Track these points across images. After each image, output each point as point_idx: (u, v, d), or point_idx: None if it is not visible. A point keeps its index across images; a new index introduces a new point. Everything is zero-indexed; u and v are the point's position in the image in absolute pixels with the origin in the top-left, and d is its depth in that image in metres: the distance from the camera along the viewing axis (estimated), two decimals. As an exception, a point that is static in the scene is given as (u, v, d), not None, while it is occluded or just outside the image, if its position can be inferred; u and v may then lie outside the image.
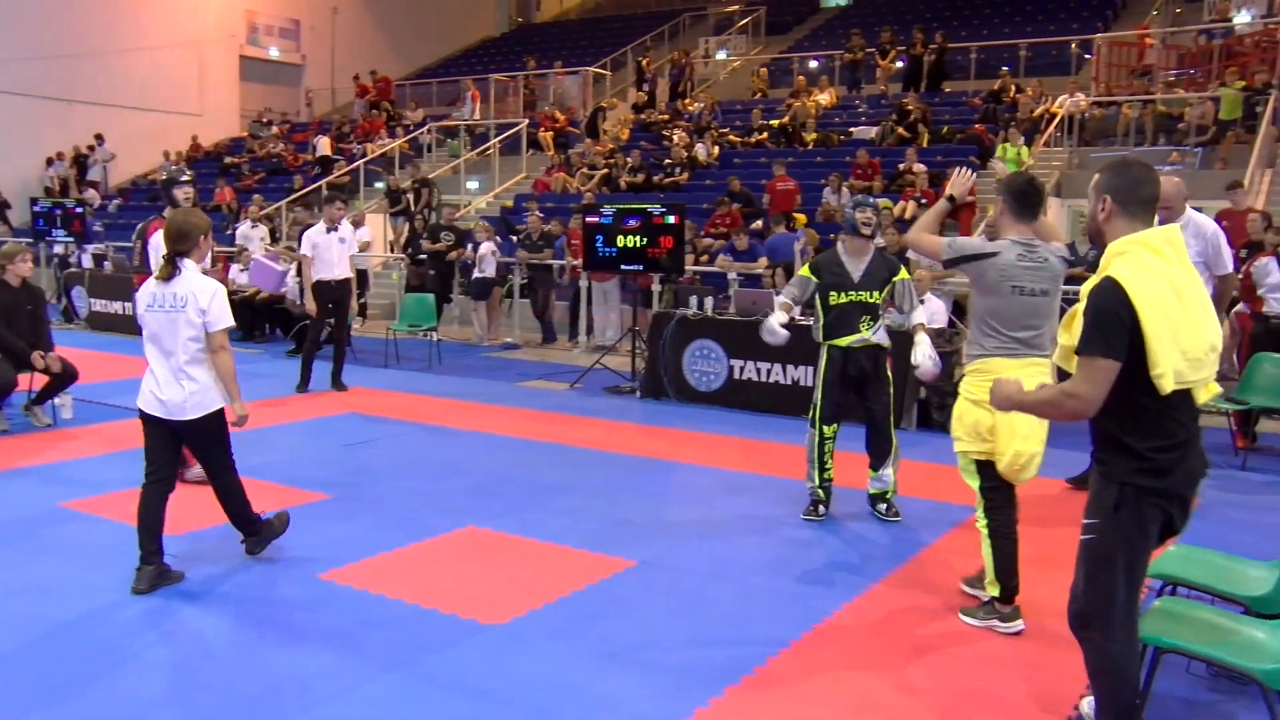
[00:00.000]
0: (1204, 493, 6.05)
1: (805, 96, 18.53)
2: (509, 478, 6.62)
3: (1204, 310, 2.94)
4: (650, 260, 10.08)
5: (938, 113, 17.12)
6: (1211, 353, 2.92)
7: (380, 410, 8.79)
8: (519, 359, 12.24)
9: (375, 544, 5.21)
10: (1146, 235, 2.95)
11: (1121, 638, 3.03)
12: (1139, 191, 3.00)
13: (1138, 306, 2.82)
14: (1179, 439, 2.93)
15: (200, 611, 4.35)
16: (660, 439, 7.96)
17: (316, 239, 9.30)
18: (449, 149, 20.90)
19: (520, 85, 22.19)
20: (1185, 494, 2.96)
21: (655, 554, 5.13)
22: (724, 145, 17.78)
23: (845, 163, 15.44)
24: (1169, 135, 14.61)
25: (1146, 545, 3.00)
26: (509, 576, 4.82)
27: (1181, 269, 2.94)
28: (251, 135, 24.49)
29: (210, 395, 4.57)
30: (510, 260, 13.73)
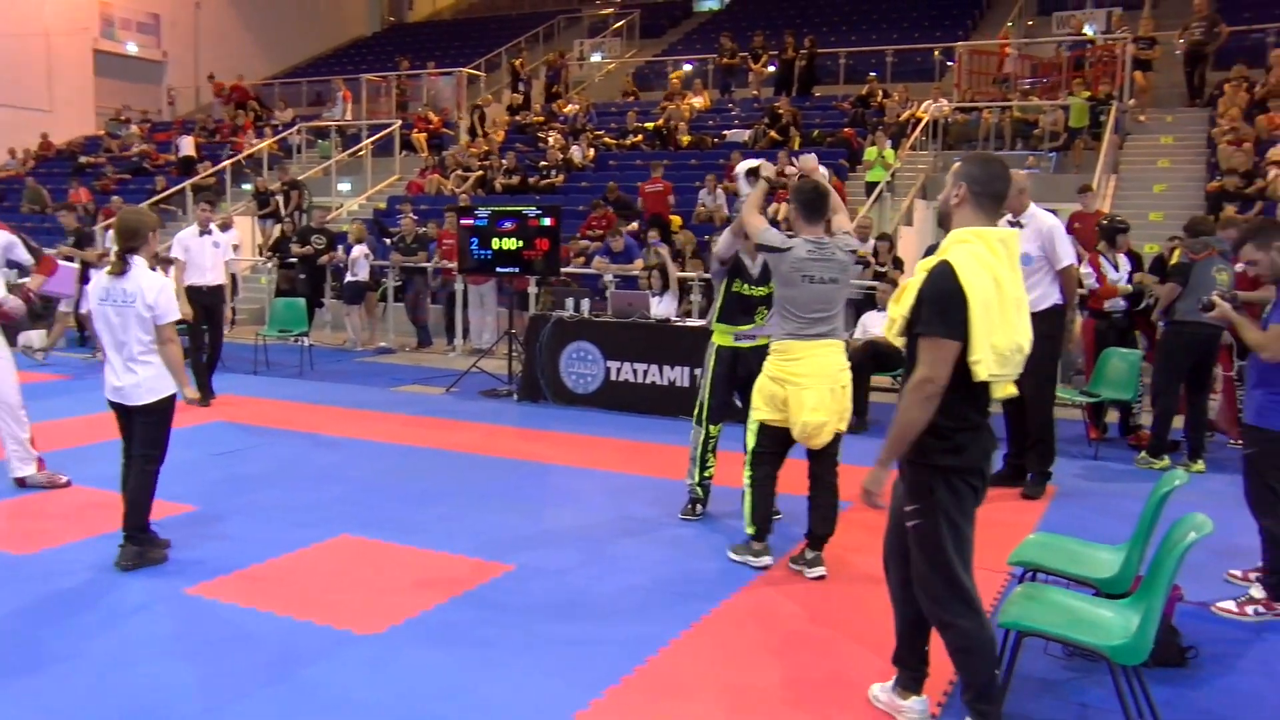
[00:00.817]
0: (1059, 482, 6.49)
1: (679, 99, 18.74)
2: (384, 485, 6.53)
3: (1018, 313, 3.12)
4: (526, 262, 10.05)
5: (808, 116, 17.53)
6: (1017, 354, 3.09)
7: (250, 418, 8.54)
8: (393, 364, 12.06)
9: (245, 556, 5.06)
10: (987, 231, 3.12)
11: (972, 614, 3.18)
12: (993, 186, 3.18)
13: (967, 294, 2.99)
14: (973, 423, 3.14)
15: (57, 630, 4.15)
16: (538, 442, 7.95)
17: (188, 242, 8.97)
18: (320, 150, 20.39)
19: (393, 86, 21.79)
20: (982, 467, 3.19)
21: (533, 558, 5.12)
22: (599, 147, 17.84)
23: (719, 165, 15.67)
24: (1025, 140, 15.30)
25: (966, 521, 3.18)
26: (385, 585, 4.75)
27: (1009, 270, 3.11)
28: (109, 134, 23.32)
29: (162, 382, 4.89)
30: (384, 263, 13.51)
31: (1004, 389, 3.15)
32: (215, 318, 9.20)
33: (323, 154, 20.09)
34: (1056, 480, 6.56)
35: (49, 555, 5.05)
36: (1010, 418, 6.61)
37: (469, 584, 4.75)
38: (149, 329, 4.86)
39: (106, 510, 5.33)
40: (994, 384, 3.10)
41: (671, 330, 8.89)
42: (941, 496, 3.14)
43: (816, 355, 4.78)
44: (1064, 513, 6.04)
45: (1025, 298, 3.18)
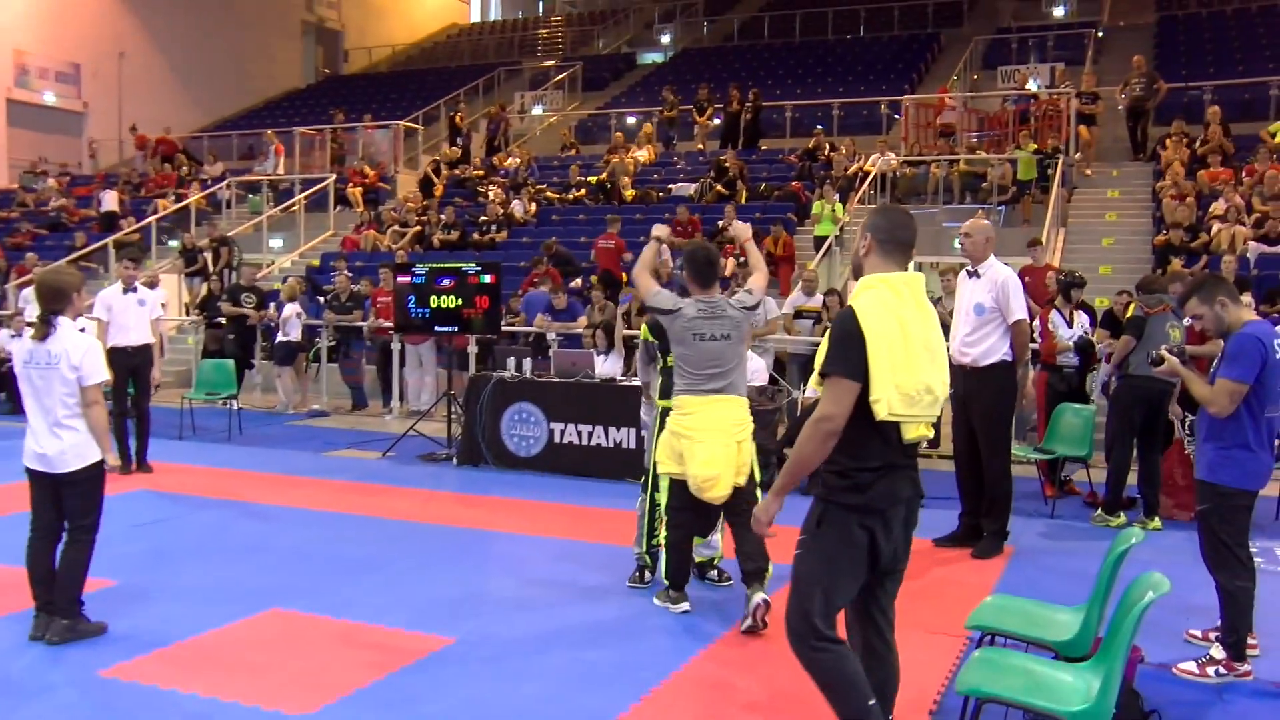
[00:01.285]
0: (1016, 541, 6.57)
1: (623, 153, 19.00)
2: (316, 555, 6.43)
3: (927, 354, 3.29)
4: (465, 321, 10.05)
5: (755, 169, 17.85)
6: (926, 394, 3.24)
7: (174, 486, 8.38)
8: (327, 427, 11.93)
9: (167, 633, 4.93)
10: (892, 276, 3.33)
11: (831, 647, 3.28)
12: (895, 234, 3.39)
13: (866, 335, 3.18)
14: (878, 463, 3.25)
15: (-43, 722, 4.00)
16: (478, 508, 7.89)
17: (111, 300, 8.81)
18: (250, 205, 20.27)
19: (327, 139, 21.82)
20: (884, 509, 3.26)
21: (474, 630, 5.06)
22: (541, 202, 17.98)
23: (665, 219, 15.82)
24: (974, 194, 15.69)
25: (851, 561, 3.27)
26: (317, 661, 4.66)
27: (915, 311, 3.30)
28: (23, 187, 22.92)
29: (90, 447, 4.82)
30: (317, 323, 13.40)
31: (916, 430, 3.27)
32: (141, 380, 9.00)
33: (253, 209, 19.97)
34: (1013, 540, 6.64)
35: (-48, 637, 4.88)
36: (963, 475, 6.70)
37: (407, 658, 4.68)
38: (75, 392, 4.80)
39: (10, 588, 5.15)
40: (904, 425, 3.24)
41: (617, 390, 8.91)
42: (827, 532, 3.27)
43: (710, 410, 5.06)
44: (1021, 573, 6.12)
45: (939, 340, 3.35)
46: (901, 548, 3.35)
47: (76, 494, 4.83)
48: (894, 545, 3.31)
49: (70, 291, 4.93)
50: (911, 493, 3.33)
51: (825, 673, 3.29)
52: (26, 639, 4.80)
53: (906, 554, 3.41)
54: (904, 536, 3.35)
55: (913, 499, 3.34)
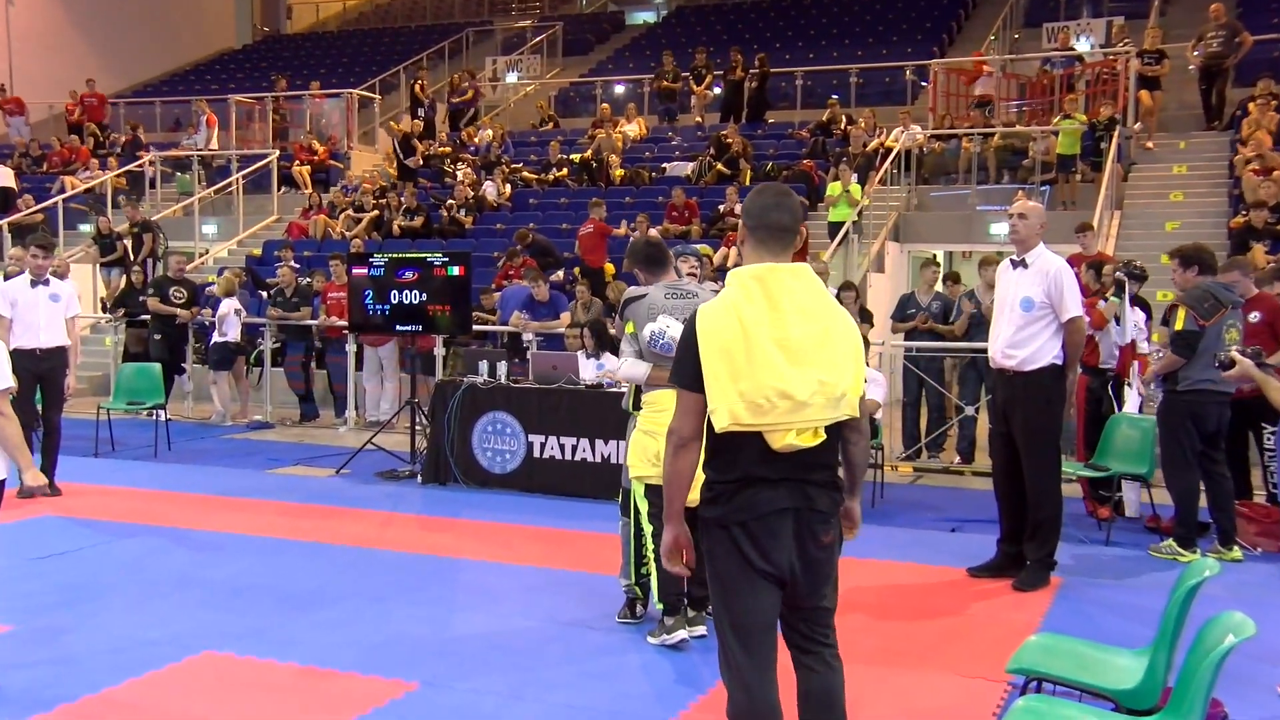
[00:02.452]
0: (1064, 571, 6.55)
1: (610, 127, 18.99)
2: (256, 588, 6.38)
3: (785, 354, 3.30)
4: (430, 319, 10.00)
5: (761, 146, 17.87)
6: (782, 400, 3.27)
7: (88, 511, 8.32)
8: (271, 440, 11.90)
9: (74, 686, 4.86)
10: (743, 270, 3.43)
11: (732, 682, 3.40)
12: (767, 217, 3.45)
13: (699, 342, 3.32)
14: (736, 475, 3.35)
15: None
16: (445, 532, 7.87)
17: (16, 294, 8.70)
18: (178, 185, 20.24)
19: (268, 109, 21.77)
20: (744, 521, 3.34)
21: (440, 673, 5.03)
22: (517, 183, 17.96)
23: (658, 203, 15.86)
24: (1013, 172, 15.67)
25: (735, 575, 3.39)
26: (256, 712, 4.62)
27: (766, 308, 3.33)
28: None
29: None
30: (258, 321, 13.35)
31: (783, 438, 3.30)
32: (52, 389, 8.88)
33: (182, 189, 19.93)
34: (1061, 569, 6.62)
35: None
36: (1002, 494, 6.68)
37: (362, 707, 4.64)
38: None
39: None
40: (768, 434, 3.29)
41: (605, 398, 8.86)
42: (708, 548, 3.45)
43: None
44: (1071, 609, 6.08)
45: (810, 336, 3.34)
46: (799, 566, 3.36)
47: None
48: (777, 563, 3.33)
49: None
50: (788, 504, 3.34)
51: (729, 708, 3.41)
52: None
53: (818, 574, 3.41)
54: (799, 552, 3.35)
55: (798, 510, 3.34)
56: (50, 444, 8.88)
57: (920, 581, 6.64)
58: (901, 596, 6.33)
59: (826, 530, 3.40)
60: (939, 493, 9.36)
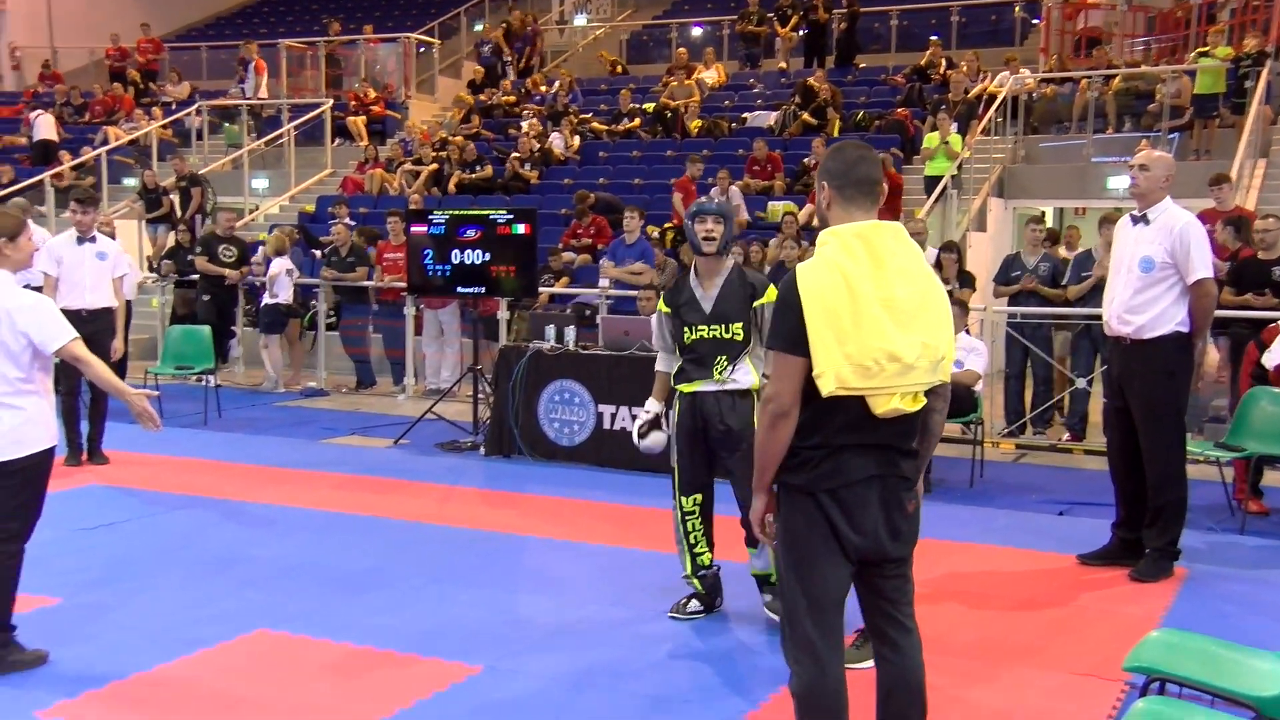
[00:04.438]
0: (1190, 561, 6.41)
1: (686, 74, 18.88)
2: (310, 564, 6.48)
3: (891, 315, 3.38)
4: (493, 280, 10.04)
5: (850, 94, 17.67)
6: (890, 362, 3.36)
7: (135, 481, 8.50)
8: (325, 409, 12.06)
9: (125, 663, 4.98)
10: (843, 228, 3.48)
11: (803, 660, 3.46)
12: (853, 173, 3.52)
13: (803, 302, 3.36)
14: (826, 441, 3.42)
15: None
16: (509, 508, 7.92)
17: (62, 252, 8.88)
18: (226, 136, 20.49)
19: (321, 55, 21.95)
20: (832, 489, 3.42)
21: (504, 657, 5.08)
22: (585, 135, 17.95)
23: (738, 156, 15.76)
24: (1136, 119, 15.21)
25: (815, 546, 3.46)
26: (313, 694, 4.69)
27: (871, 267, 3.40)
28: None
29: (31, 431, 4.81)
30: (312, 282, 13.50)
31: (887, 403, 3.38)
32: (101, 352, 8.99)
33: (230, 141, 20.17)
34: (1185, 559, 6.48)
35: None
36: (1118, 476, 6.55)
37: (423, 691, 4.70)
38: (21, 363, 4.80)
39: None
40: (871, 399, 3.37)
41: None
42: (786, 516, 3.53)
43: None
44: (1198, 603, 5.94)
45: (914, 297, 3.44)
46: (885, 534, 3.46)
47: (8, 488, 4.80)
48: (866, 531, 3.43)
49: (5, 235, 4.92)
50: (876, 471, 3.44)
51: (800, 686, 3.48)
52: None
53: (902, 542, 3.51)
54: (886, 521, 3.45)
55: (884, 478, 3.45)
56: (97, 411, 9.07)
57: (1024, 568, 6.54)
58: (1003, 584, 6.24)
59: (910, 498, 3.51)
60: (1045, 472, 9.22)
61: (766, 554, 5.50)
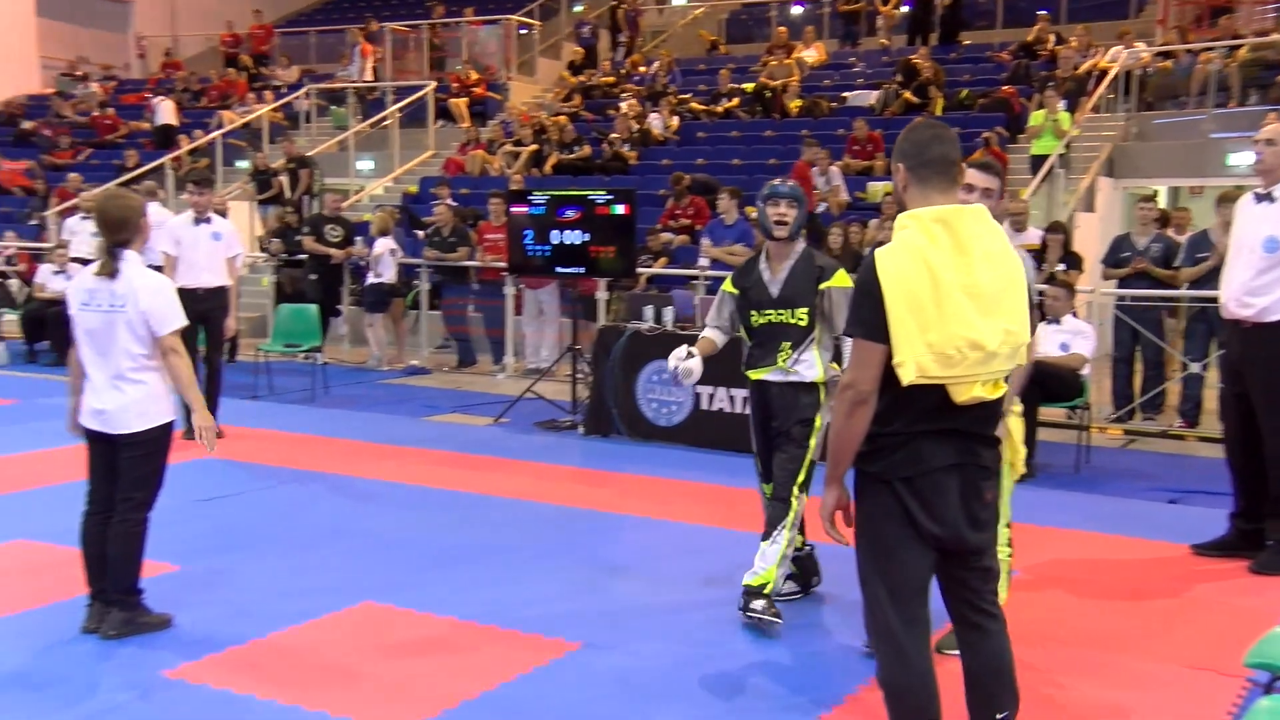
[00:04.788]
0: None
1: (786, 53, 18.71)
2: (415, 540, 6.56)
3: (975, 303, 3.32)
4: (593, 261, 10.06)
5: (954, 71, 17.38)
6: (972, 350, 3.30)
7: (247, 455, 8.67)
8: (427, 386, 12.19)
9: (240, 630, 5.10)
10: (922, 211, 3.39)
11: (886, 650, 3.44)
12: (926, 152, 3.44)
13: (884, 289, 3.29)
14: (904, 428, 3.37)
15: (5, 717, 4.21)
16: (607, 487, 7.94)
17: (180, 233, 9.09)
18: (333, 118, 20.78)
19: (425, 38, 22.14)
20: (908, 477, 3.38)
21: (602, 635, 5.10)
22: (684, 115, 17.89)
23: (838, 136, 15.60)
24: (1263, 91, 14.59)
25: (888, 538, 3.41)
26: (417, 666, 4.76)
27: (954, 254, 3.33)
28: (61, 93, 23.79)
29: (155, 405, 4.98)
30: (415, 262, 13.64)
31: (969, 391, 3.34)
32: (215, 329, 9.24)
33: (337, 123, 20.45)
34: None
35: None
36: (1236, 464, 6.35)
37: (523, 666, 4.74)
38: (143, 340, 4.93)
39: (60, 571, 5.43)
40: (952, 387, 3.32)
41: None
42: (863, 506, 3.48)
43: None
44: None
45: (996, 283, 3.37)
46: (964, 523, 3.41)
47: (133, 459, 4.96)
48: (945, 521, 3.38)
49: (137, 219, 5.05)
50: (956, 460, 3.39)
51: (882, 674, 3.47)
52: (79, 631, 5.01)
53: (981, 531, 3.47)
54: (964, 510, 3.40)
55: (963, 466, 3.40)
56: (213, 387, 9.24)
57: (1133, 557, 6.39)
58: (1110, 573, 6.10)
59: (990, 487, 3.48)
60: (1155, 459, 9.00)
61: (773, 553, 5.24)
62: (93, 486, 5.07)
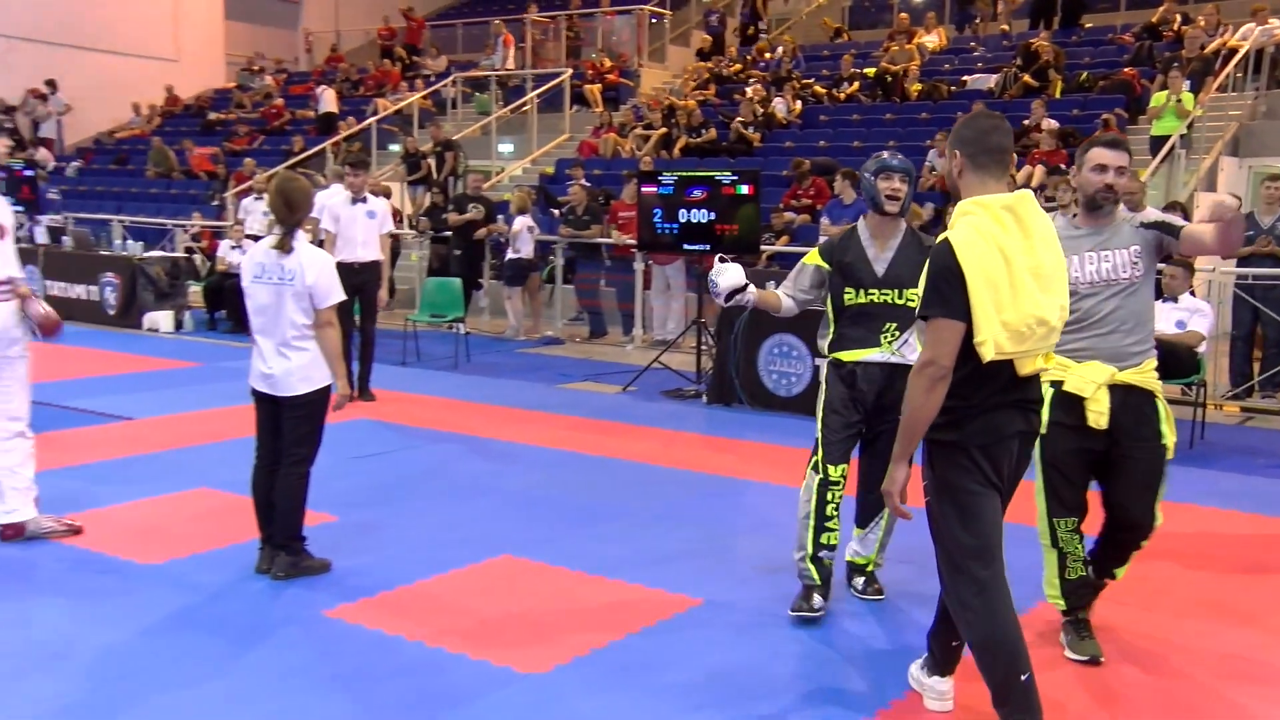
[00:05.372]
0: None
1: (907, 39, 18.37)
2: (549, 498, 6.67)
3: (1037, 282, 3.46)
4: (719, 238, 10.06)
5: (1074, 55, 16.86)
6: (1039, 326, 3.46)
7: (396, 416, 8.89)
8: (561, 356, 12.33)
9: (391, 575, 5.26)
10: (989, 199, 3.48)
11: (976, 606, 3.52)
12: (986, 141, 3.54)
13: (965, 271, 3.38)
14: (981, 401, 3.51)
15: (184, 651, 4.43)
16: (729, 453, 7.95)
17: (339, 211, 9.33)
18: (477, 105, 21.05)
19: (562, 28, 22.27)
20: (985, 445, 3.53)
21: (723, 592, 5.13)
22: (807, 99, 17.70)
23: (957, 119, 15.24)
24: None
25: (970, 498, 3.54)
26: (551, 616, 4.85)
27: (1021, 238, 3.47)
28: (240, 86, 24.66)
29: (317, 370, 5.19)
30: (551, 238, 13.78)
31: (1031, 364, 3.52)
32: (368, 301, 9.49)
33: (480, 109, 20.72)
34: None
35: (176, 566, 5.39)
36: None
37: (648, 619, 4.79)
38: (307, 311, 5.13)
39: (238, 517, 5.65)
40: (1019, 361, 3.48)
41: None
42: (938, 476, 3.59)
43: None
44: None
45: (1052, 264, 3.52)
46: (1007, 487, 3.62)
47: (296, 419, 5.18)
48: (1011, 481, 3.62)
49: (307, 202, 5.30)
50: (1024, 427, 3.58)
51: (971, 630, 3.55)
52: (253, 570, 5.26)
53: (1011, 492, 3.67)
54: (1013, 475, 3.62)
55: (1025, 434, 3.60)
56: (366, 354, 9.55)
57: (1249, 532, 6.20)
58: (1225, 547, 5.93)
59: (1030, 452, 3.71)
60: (1273, 436, 8.70)
61: (873, 539, 5.09)
62: (260, 442, 5.28)
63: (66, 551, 5.58)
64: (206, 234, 16.58)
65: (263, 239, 5.53)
